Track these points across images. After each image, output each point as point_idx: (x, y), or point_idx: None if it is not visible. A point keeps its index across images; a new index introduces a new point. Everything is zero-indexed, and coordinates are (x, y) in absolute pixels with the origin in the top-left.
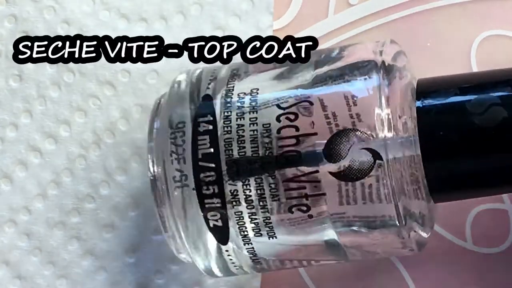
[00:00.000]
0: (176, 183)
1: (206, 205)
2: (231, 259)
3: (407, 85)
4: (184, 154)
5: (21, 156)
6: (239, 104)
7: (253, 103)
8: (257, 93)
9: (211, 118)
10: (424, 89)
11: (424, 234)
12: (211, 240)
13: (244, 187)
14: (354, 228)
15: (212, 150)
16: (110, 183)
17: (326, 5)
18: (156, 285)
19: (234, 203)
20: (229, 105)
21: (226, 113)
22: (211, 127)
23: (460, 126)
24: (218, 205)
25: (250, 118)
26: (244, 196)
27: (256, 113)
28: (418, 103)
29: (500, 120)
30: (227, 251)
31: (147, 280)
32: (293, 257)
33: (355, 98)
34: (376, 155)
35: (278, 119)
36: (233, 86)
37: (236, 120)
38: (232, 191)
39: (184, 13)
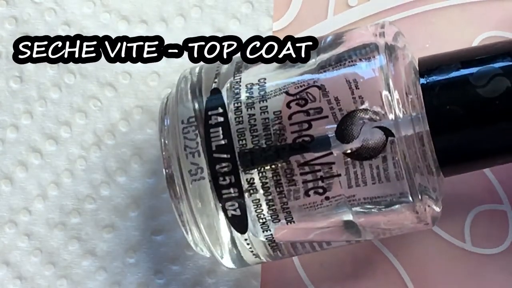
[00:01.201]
0: (192, 176)
1: (224, 196)
2: (250, 248)
3: (409, 64)
4: (198, 147)
5: (21, 157)
6: (248, 94)
7: (262, 93)
8: (265, 83)
9: (221, 110)
10: (427, 66)
11: (437, 209)
12: (224, 232)
13: (260, 174)
14: (370, 207)
15: (225, 141)
16: (110, 184)
17: (326, 6)
18: (156, 285)
19: (251, 191)
20: (238, 96)
21: (236, 104)
22: (222, 119)
23: (465, 99)
24: (236, 194)
25: (260, 107)
26: (261, 184)
27: (266, 101)
28: (422, 80)
29: (503, 90)
30: (246, 239)
31: (147, 280)
32: (308, 240)
33: (361, 80)
34: (387, 132)
35: (288, 105)
36: (240, 78)
37: (247, 110)
38: (248, 180)
39: (184, 16)
